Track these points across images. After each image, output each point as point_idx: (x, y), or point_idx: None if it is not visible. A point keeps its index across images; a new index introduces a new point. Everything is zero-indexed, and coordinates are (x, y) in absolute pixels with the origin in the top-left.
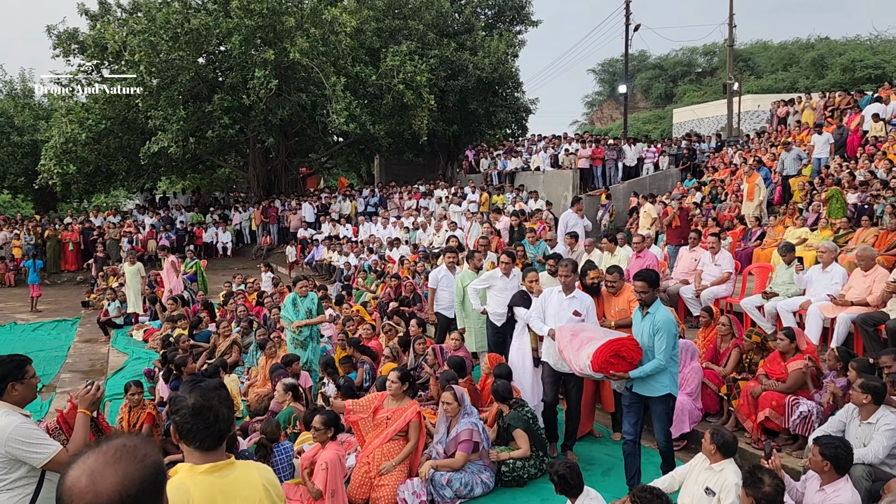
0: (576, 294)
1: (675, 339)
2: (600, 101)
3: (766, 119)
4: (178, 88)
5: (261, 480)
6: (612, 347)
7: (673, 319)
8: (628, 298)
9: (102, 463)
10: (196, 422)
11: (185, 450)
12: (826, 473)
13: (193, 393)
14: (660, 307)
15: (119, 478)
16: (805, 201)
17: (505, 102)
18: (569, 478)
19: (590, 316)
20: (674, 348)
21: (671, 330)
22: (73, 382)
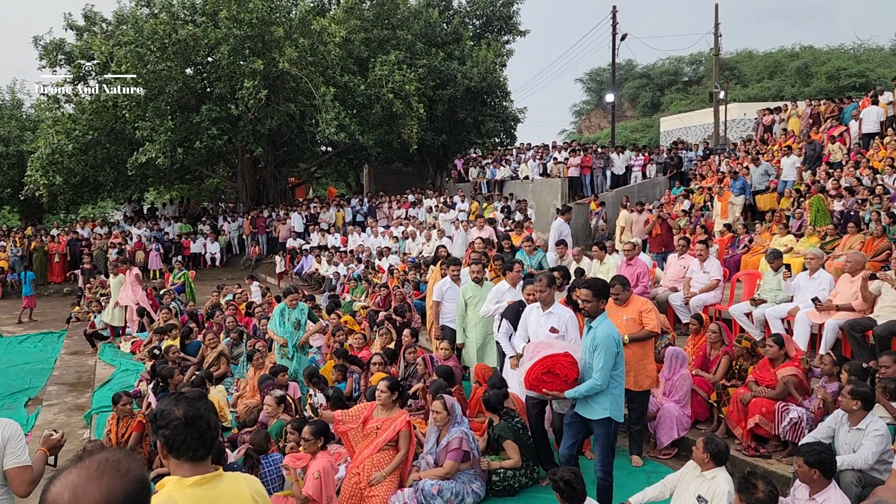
0: (553, 309)
1: (617, 357)
2: (588, 109)
3: (752, 127)
4: (165, 99)
5: (249, 492)
6: (545, 364)
7: (614, 336)
8: (639, 308)
9: (85, 478)
10: (189, 432)
11: (173, 463)
12: (816, 482)
13: (180, 405)
14: (603, 321)
15: (102, 493)
16: (792, 209)
17: (493, 111)
18: (575, 484)
19: (569, 332)
20: (616, 367)
21: (610, 347)
22: (60, 395)
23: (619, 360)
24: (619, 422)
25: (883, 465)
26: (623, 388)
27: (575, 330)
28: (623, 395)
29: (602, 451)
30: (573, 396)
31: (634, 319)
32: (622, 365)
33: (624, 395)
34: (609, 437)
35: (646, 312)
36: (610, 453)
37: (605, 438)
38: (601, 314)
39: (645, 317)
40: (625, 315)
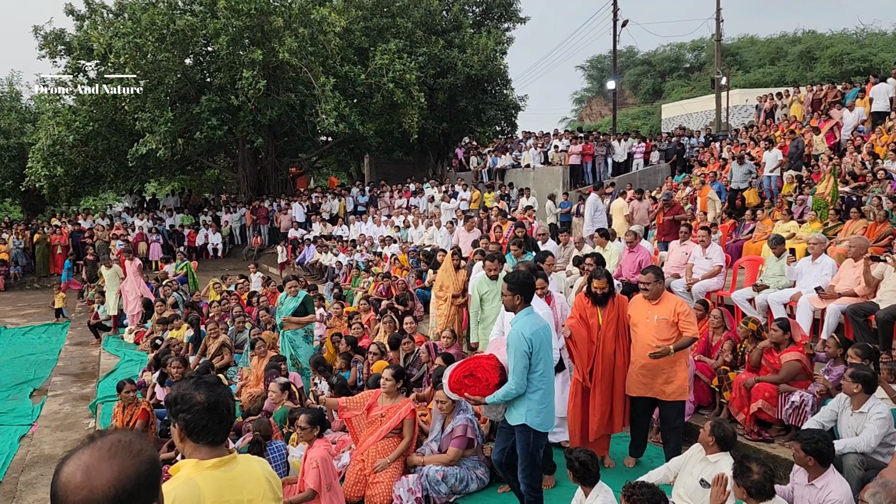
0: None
1: (536, 357)
2: (589, 97)
3: (753, 113)
4: (164, 90)
5: (262, 473)
6: (467, 367)
7: (524, 336)
8: (675, 309)
9: (97, 458)
10: (210, 417)
11: (190, 446)
12: (812, 468)
13: (201, 390)
14: (520, 318)
15: (115, 473)
16: (794, 195)
17: (494, 100)
18: (590, 465)
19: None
20: (534, 370)
21: (520, 347)
22: (65, 386)
23: (541, 361)
24: (539, 431)
25: (886, 448)
26: (549, 393)
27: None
28: (549, 402)
29: (521, 461)
30: (492, 402)
31: (668, 321)
32: (546, 366)
33: (551, 401)
34: (527, 447)
35: (684, 315)
36: (531, 465)
37: (523, 447)
38: (523, 310)
39: (683, 321)
40: (656, 315)
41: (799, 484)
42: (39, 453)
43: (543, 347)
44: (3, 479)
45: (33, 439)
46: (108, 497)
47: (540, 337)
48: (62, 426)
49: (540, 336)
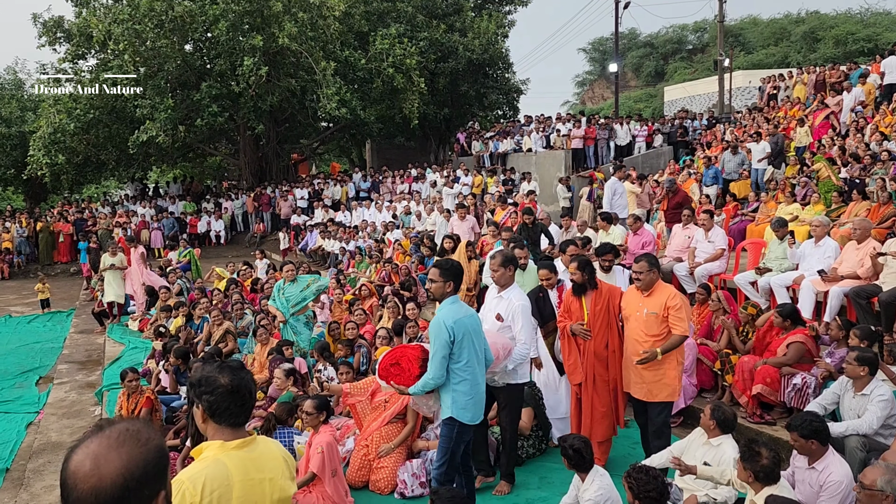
0: (505, 294)
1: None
2: (591, 80)
3: (756, 95)
4: (164, 77)
5: (280, 453)
6: (394, 355)
7: (445, 325)
8: (666, 302)
9: (106, 447)
10: (233, 399)
11: (213, 428)
12: (815, 451)
13: (224, 373)
14: (444, 307)
15: (123, 461)
16: (798, 177)
17: (496, 84)
18: (584, 452)
19: (516, 321)
20: (457, 359)
21: (440, 337)
22: (71, 373)
23: (464, 351)
24: (466, 424)
25: (888, 430)
26: (475, 385)
27: (524, 318)
28: (476, 393)
29: (438, 453)
30: (414, 393)
31: (657, 315)
32: (472, 356)
33: (479, 392)
34: (449, 440)
35: (674, 310)
36: (447, 460)
37: (445, 441)
38: (448, 298)
39: (673, 316)
40: (646, 308)
41: (800, 468)
42: (46, 441)
43: (468, 337)
44: (11, 466)
45: (40, 427)
46: (117, 485)
47: (464, 326)
48: (69, 413)
49: (464, 325)
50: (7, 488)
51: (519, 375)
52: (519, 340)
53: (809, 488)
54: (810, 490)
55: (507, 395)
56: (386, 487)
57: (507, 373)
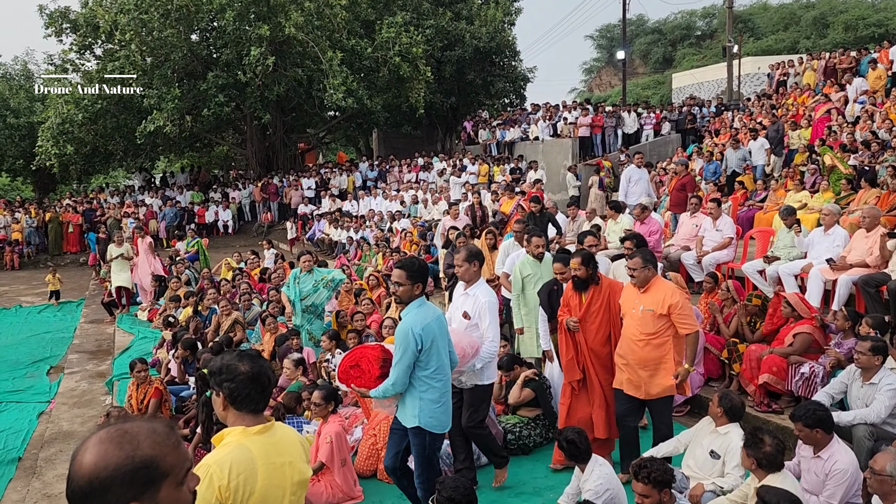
0: (471, 290)
1: (427, 354)
2: (598, 67)
3: (766, 82)
4: (171, 66)
5: (296, 438)
6: (353, 356)
7: (411, 329)
8: (666, 300)
9: (96, 440)
10: (254, 386)
11: (234, 415)
12: (820, 440)
13: (244, 362)
14: (410, 311)
15: (96, 458)
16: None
17: (502, 72)
18: (578, 443)
19: (483, 318)
20: (425, 367)
21: (405, 342)
22: (81, 363)
23: (433, 358)
24: (435, 433)
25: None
26: (444, 392)
27: (491, 315)
28: (445, 401)
29: (417, 465)
30: (375, 396)
31: (654, 313)
32: (441, 362)
33: (448, 400)
34: (423, 450)
35: (678, 309)
36: (427, 469)
37: (419, 450)
38: (414, 302)
39: (677, 315)
40: (641, 305)
41: (805, 457)
42: (58, 430)
43: (436, 343)
44: (23, 454)
45: (51, 416)
46: (83, 478)
47: (432, 331)
48: (79, 403)
49: (432, 330)
50: (19, 477)
51: (486, 376)
52: (486, 338)
53: (815, 477)
54: (816, 479)
55: (474, 397)
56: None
57: (474, 373)
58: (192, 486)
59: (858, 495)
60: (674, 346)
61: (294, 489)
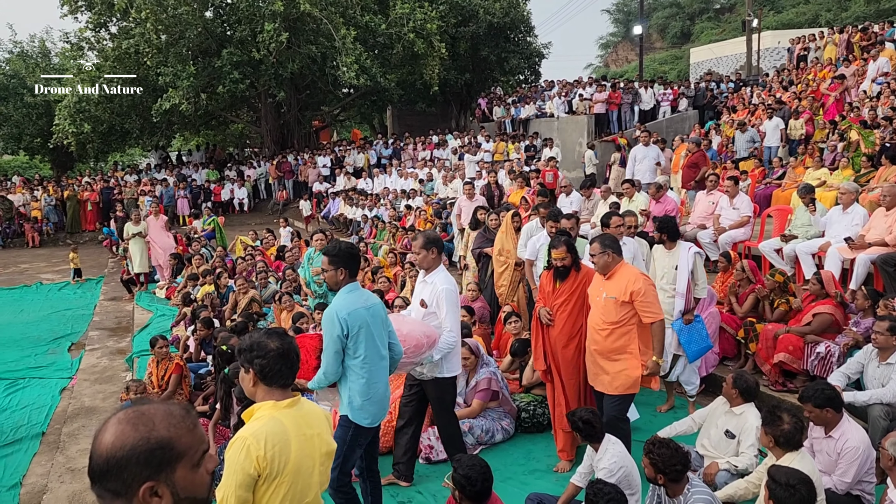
0: (429, 278)
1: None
2: (615, 42)
3: (786, 56)
4: (186, 44)
5: (321, 411)
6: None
7: (337, 317)
8: (629, 287)
9: (116, 420)
10: (284, 362)
11: (263, 390)
12: (830, 420)
13: (272, 339)
14: (339, 296)
15: (114, 438)
16: (827, 141)
17: (517, 48)
18: (594, 423)
19: (441, 307)
20: (353, 357)
21: (332, 331)
22: (102, 340)
23: (361, 345)
24: (362, 427)
25: None
26: (374, 384)
27: (449, 304)
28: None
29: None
30: (313, 388)
31: (616, 300)
32: (371, 351)
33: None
34: (343, 442)
35: (640, 296)
36: (340, 465)
37: (339, 441)
38: (345, 287)
39: (640, 303)
40: (605, 292)
41: (817, 438)
42: (80, 405)
43: (365, 330)
44: (47, 429)
45: (73, 392)
46: (102, 457)
47: (360, 317)
48: (101, 379)
49: (360, 316)
50: (43, 451)
51: (446, 368)
52: (445, 328)
53: (828, 457)
54: (829, 459)
55: (436, 390)
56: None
57: (433, 364)
58: (210, 468)
59: (872, 473)
60: (639, 337)
61: (322, 459)
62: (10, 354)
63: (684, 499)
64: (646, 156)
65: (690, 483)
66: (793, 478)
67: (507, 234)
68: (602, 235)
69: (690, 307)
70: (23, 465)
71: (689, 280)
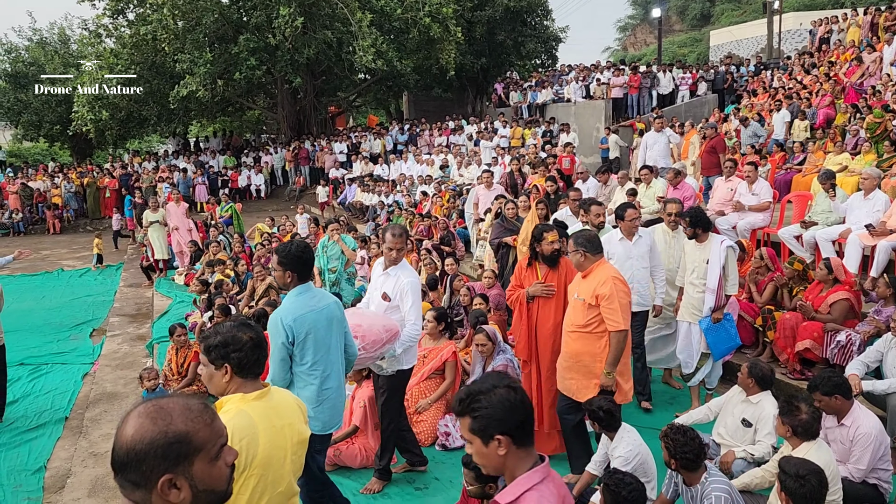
0: (392, 271)
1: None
2: (633, 25)
3: (808, 39)
4: (203, 30)
5: (293, 400)
6: None
7: (282, 324)
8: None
9: (136, 414)
10: (259, 352)
11: (238, 383)
12: (841, 407)
13: (244, 330)
14: (287, 299)
15: (134, 431)
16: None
17: (534, 32)
18: (614, 412)
19: (405, 301)
20: (300, 363)
21: (275, 334)
22: (122, 326)
23: (309, 351)
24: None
25: None
26: (324, 390)
27: (413, 297)
28: (326, 399)
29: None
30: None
31: (584, 302)
32: (319, 357)
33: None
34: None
35: (604, 300)
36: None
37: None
38: (293, 290)
39: (604, 308)
40: (576, 292)
41: (830, 427)
42: (102, 391)
43: (313, 335)
44: (70, 414)
45: (95, 377)
46: (122, 449)
47: (308, 323)
48: (122, 365)
49: (308, 322)
50: (66, 436)
51: (405, 360)
52: (408, 321)
53: (841, 445)
54: (842, 447)
55: (390, 383)
56: (426, 440)
57: (394, 359)
58: (230, 461)
59: (888, 461)
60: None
61: (295, 449)
62: (34, 340)
63: (702, 488)
64: (657, 141)
65: (708, 472)
66: (803, 468)
67: (533, 223)
68: (576, 233)
69: (721, 304)
70: (47, 449)
71: (721, 275)
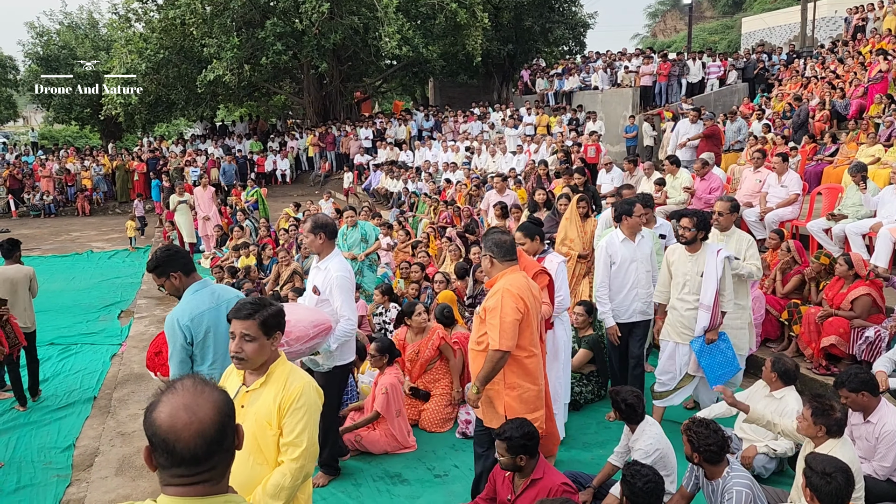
0: (322, 264)
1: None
2: (663, 11)
3: (842, 27)
4: (230, 15)
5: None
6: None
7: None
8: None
9: (192, 396)
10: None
11: None
12: (867, 404)
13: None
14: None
15: (211, 404)
16: (883, 116)
17: (562, 18)
18: (636, 406)
19: (333, 295)
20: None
21: (172, 336)
22: (149, 308)
23: (207, 351)
24: None
25: None
26: None
27: (343, 292)
28: None
29: None
30: None
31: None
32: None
33: None
34: None
35: (488, 312)
36: None
37: None
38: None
39: (488, 321)
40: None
41: (856, 424)
42: (129, 372)
43: (213, 333)
44: (98, 394)
45: (123, 358)
46: (216, 423)
47: (205, 321)
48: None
49: (205, 320)
50: (95, 415)
51: (342, 356)
52: (342, 316)
53: (867, 443)
54: (867, 445)
55: (326, 379)
56: (431, 426)
57: (329, 354)
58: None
59: None
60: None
61: None
62: (64, 321)
63: (723, 482)
64: (686, 132)
65: (731, 466)
66: (830, 466)
67: (572, 222)
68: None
69: (717, 324)
70: (76, 427)
71: (717, 291)
